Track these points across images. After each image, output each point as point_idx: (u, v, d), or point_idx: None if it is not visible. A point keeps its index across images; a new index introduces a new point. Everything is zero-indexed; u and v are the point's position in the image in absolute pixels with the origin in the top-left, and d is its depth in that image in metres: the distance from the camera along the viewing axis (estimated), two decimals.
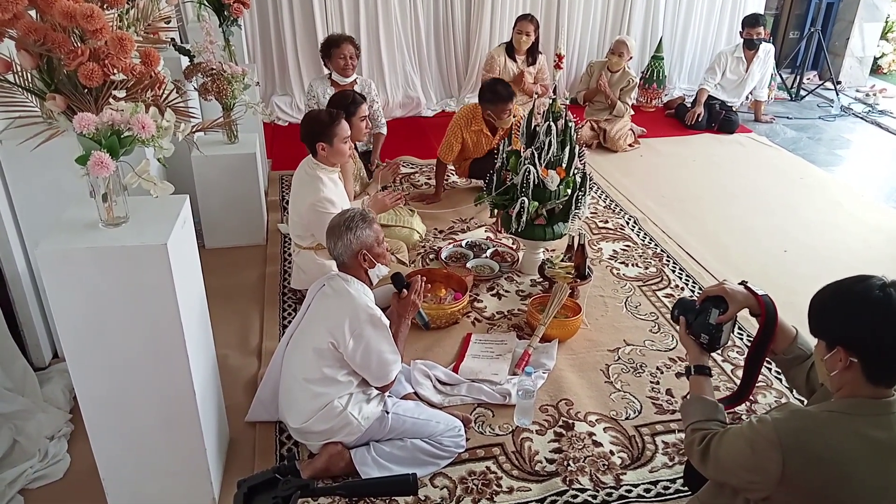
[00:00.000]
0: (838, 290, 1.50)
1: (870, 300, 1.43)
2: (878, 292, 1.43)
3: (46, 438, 2.33)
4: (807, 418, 1.49)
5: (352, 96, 3.52)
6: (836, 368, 1.47)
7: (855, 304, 1.45)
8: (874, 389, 1.44)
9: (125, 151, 1.65)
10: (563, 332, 2.99)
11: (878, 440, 1.41)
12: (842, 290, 1.49)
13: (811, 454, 1.43)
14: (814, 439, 1.44)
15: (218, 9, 3.63)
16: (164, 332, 1.84)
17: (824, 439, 1.43)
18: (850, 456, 1.41)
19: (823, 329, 1.52)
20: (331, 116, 3.02)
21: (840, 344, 1.46)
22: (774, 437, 1.46)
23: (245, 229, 3.73)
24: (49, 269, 1.71)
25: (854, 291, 1.47)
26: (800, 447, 1.44)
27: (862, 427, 1.43)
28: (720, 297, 1.81)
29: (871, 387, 1.44)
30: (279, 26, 5.74)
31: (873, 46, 7.18)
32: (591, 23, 6.37)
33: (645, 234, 3.98)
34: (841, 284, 1.50)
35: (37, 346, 2.70)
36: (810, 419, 1.48)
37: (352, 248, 2.27)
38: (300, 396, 2.26)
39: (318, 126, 2.99)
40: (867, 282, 1.46)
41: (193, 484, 2.11)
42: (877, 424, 1.43)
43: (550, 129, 3.14)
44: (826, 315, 1.51)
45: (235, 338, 2.99)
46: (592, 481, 2.28)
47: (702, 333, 1.79)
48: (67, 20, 1.51)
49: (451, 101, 6.21)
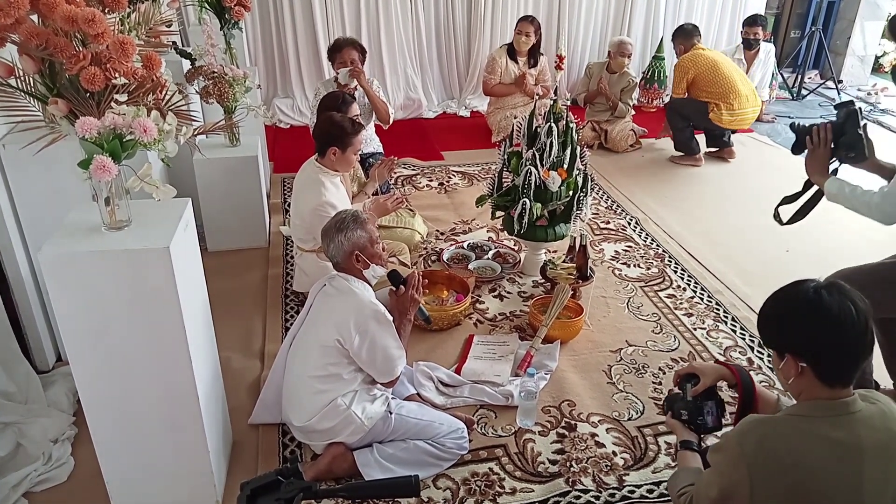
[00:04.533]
0: (776, 298, 1.52)
1: (803, 304, 1.44)
2: (811, 294, 1.44)
3: (50, 442, 2.33)
4: (767, 425, 1.48)
5: (342, 97, 3.53)
6: (791, 376, 1.47)
7: (790, 309, 1.47)
8: (831, 391, 1.44)
9: (127, 155, 1.66)
10: (565, 334, 2.99)
11: (839, 441, 1.41)
12: (779, 297, 1.51)
13: (775, 463, 1.42)
14: (777, 445, 1.43)
15: (219, 12, 3.64)
16: (166, 335, 1.85)
17: (787, 444, 1.42)
18: (814, 459, 1.40)
19: (769, 339, 1.53)
20: (353, 126, 3.03)
21: (787, 351, 1.47)
22: (738, 451, 1.45)
23: (247, 232, 3.74)
24: (52, 272, 1.72)
25: (789, 297, 1.48)
26: (764, 455, 1.43)
27: (822, 429, 1.42)
28: (691, 374, 1.84)
29: (827, 388, 1.44)
30: (280, 29, 5.75)
31: (874, 45, 7.17)
32: (593, 23, 6.37)
33: (647, 234, 3.98)
34: (778, 292, 1.52)
35: (40, 349, 2.71)
36: (771, 426, 1.47)
37: (343, 249, 2.28)
38: (304, 394, 2.27)
39: (339, 131, 3.00)
40: (801, 286, 1.47)
41: (197, 486, 2.11)
42: (837, 425, 1.42)
43: (552, 131, 3.15)
44: (768, 324, 1.52)
45: (238, 340, 2.99)
46: (595, 482, 2.28)
47: (682, 411, 1.82)
48: (69, 24, 1.51)
49: (453, 103, 6.22)
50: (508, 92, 5.24)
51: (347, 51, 4.10)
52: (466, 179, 4.71)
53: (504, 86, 5.24)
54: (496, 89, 5.26)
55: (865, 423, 1.43)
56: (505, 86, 5.24)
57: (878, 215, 2.24)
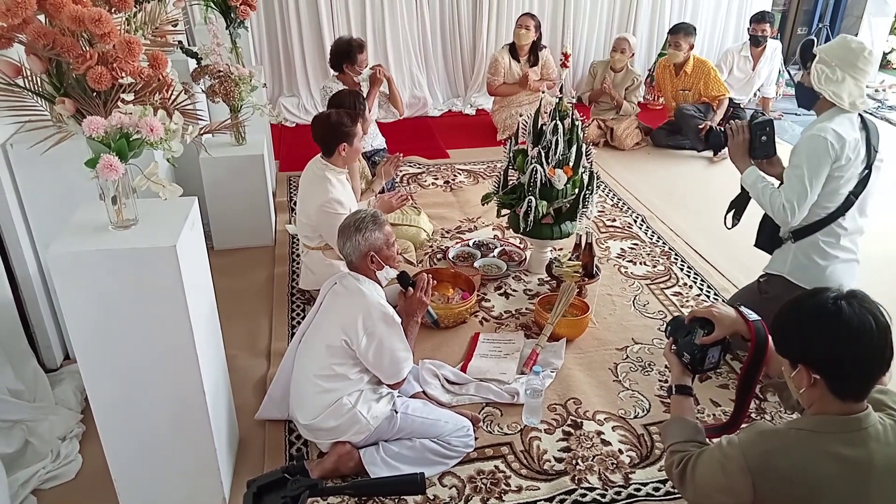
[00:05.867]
0: (793, 306, 1.45)
1: (822, 315, 1.37)
2: (831, 305, 1.37)
3: (58, 439, 2.35)
4: (774, 439, 1.45)
5: (355, 95, 3.56)
6: (802, 386, 1.42)
7: (808, 320, 1.40)
8: (843, 405, 1.39)
9: (134, 154, 1.67)
10: (571, 331, 2.99)
11: (849, 458, 1.36)
12: (796, 306, 1.45)
13: (780, 476, 1.39)
14: (781, 461, 1.40)
15: (225, 11, 3.65)
16: (173, 333, 1.85)
17: (792, 460, 1.39)
18: (821, 476, 1.37)
19: (784, 348, 1.47)
20: (351, 117, 3.03)
21: (801, 362, 1.41)
22: (742, 462, 1.44)
23: (253, 230, 3.75)
24: (60, 271, 1.72)
25: (807, 307, 1.42)
26: (768, 470, 1.40)
27: (832, 445, 1.38)
28: (708, 319, 1.77)
29: (839, 402, 1.39)
30: (286, 28, 5.76)
31: (882, 42, 7.13)
32: (598, 21, 6.36)
33: (653, 232, 3.97)
34: (795, 301, 1.46)
35: (48, 347, 2.72)
36: (777, 440, 1.44)
37: (360, 249, 2.28)
38: (310, 392, 2.27)
39: (343, 128, 2.99)
40: (820, 296, 1.41)
41: (204, 483, 2.12)
42: (848, 441, 1.37)
43: (557, 128, 3.14)
44: (784, 334, 1.46)
45: (244, 338, 3.00)
46: (601, 480, 2.28)
47: (685, 352, 1.77)
48: (76, 24, 1.52)
49: (458, 101, 6.22)
50: (513, 92, 5.25)
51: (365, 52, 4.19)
52: (472, 177, 4.71)
53: (508, 86, 5.24)
54: (501, 90, 5.26)
55: (878, 439, 1.38)
56: (509, 86, 5.24)
57: (778, 216, 2.55)
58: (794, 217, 2.51)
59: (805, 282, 2.60)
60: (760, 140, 2.63)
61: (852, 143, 2.44)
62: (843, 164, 2.46)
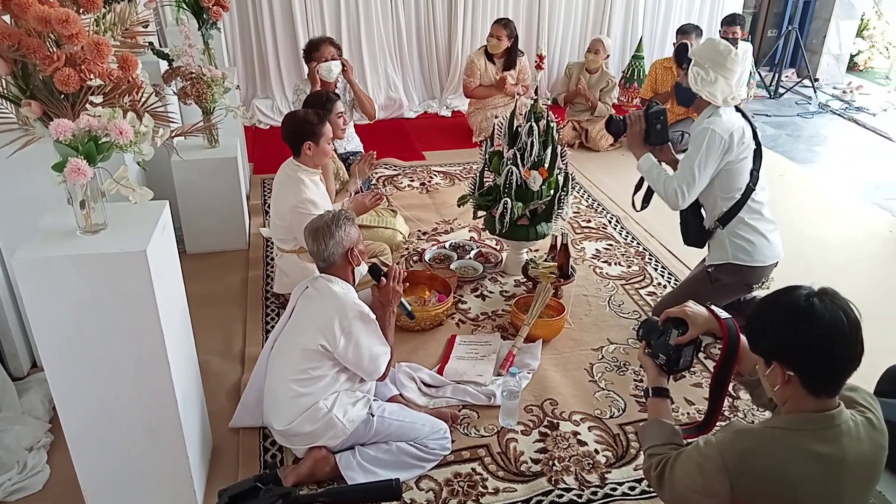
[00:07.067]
0: (766, 304, 1.47)
1: (794, 312, 1.39)
2: (803, 303, 1.39)
3: (25, 450, 2.29)
4: (750, 438, 1.46)
5: (326, 95, 3.54)
6: (777, 383, 1.43)
7: (780, 317, 1.41)
8: (816, 402, 1.41)
9: (103, 157, 1.64)
10: (547, 332, 3.00)
11: (824, 455, 1.39)
12: (769, 303, 1.47)
13: (757, 475, 1.41)
14: (758, 460, 1.42)
15: (197, 12, 3.60)
16: (144, 340, 1.83)
17: (768, 459, 1.41)
18: (797, 473, 1.39)
19: (757, 345, 1.48)
20: (318, 116, 3.02)
21: (775, 359, 1.43)
22: (720, 461, 1.45)
23: (226, 234, 3.70)
24: (26, 277, 1.69)
25: (780, 304, 1.43)
26: (745, 469, 1.42)
27: (807, 443, 1.40)
28: (681, 319, 1.78)
29: (813, 399, 1.41)
30: (259, 29, 5.71)
31: (849, 44, 7.27)
32: (572, 23, 6.40)
33: (627, 232, 4.01)
34: (768, 298, 1.48)
35: (14, 355, 2.66)
36: (753, 439, 1.46)
37: (343, 245, 2.27)
38: (285, 397, 2.25)
39: (307, 126, 2.98)
40: (792, 293, 1.42)
41: (176, 492, 2.09)
42: (822, 438, 1.40)
43: (532, 130, 3.15)
44: (757, 331, 1.47)
45: (218, 343, 2.96)
46: (578, 480, 2.29)
47: (660, 354, 1.77)
48: (42, 25, 1.49)
49: (434, 103, 6.21)
50: (489, 94, 5.25)
51: (326, 47, 4.10)
52: (448, 179, 4.71)
53: (484, 88, 5.24)
54: (476, 92, 5.26)
55: (850, 435, 1.41)
56: (485, 88, 5.24)
57: (670, 200, 2.78)
58: (684, 201, 2.75)
59: (750, 260, 2.79)
60: (655, 128, 2.82)
61: (739, 129, 2.67)
62: (742, 147, 2.69)
